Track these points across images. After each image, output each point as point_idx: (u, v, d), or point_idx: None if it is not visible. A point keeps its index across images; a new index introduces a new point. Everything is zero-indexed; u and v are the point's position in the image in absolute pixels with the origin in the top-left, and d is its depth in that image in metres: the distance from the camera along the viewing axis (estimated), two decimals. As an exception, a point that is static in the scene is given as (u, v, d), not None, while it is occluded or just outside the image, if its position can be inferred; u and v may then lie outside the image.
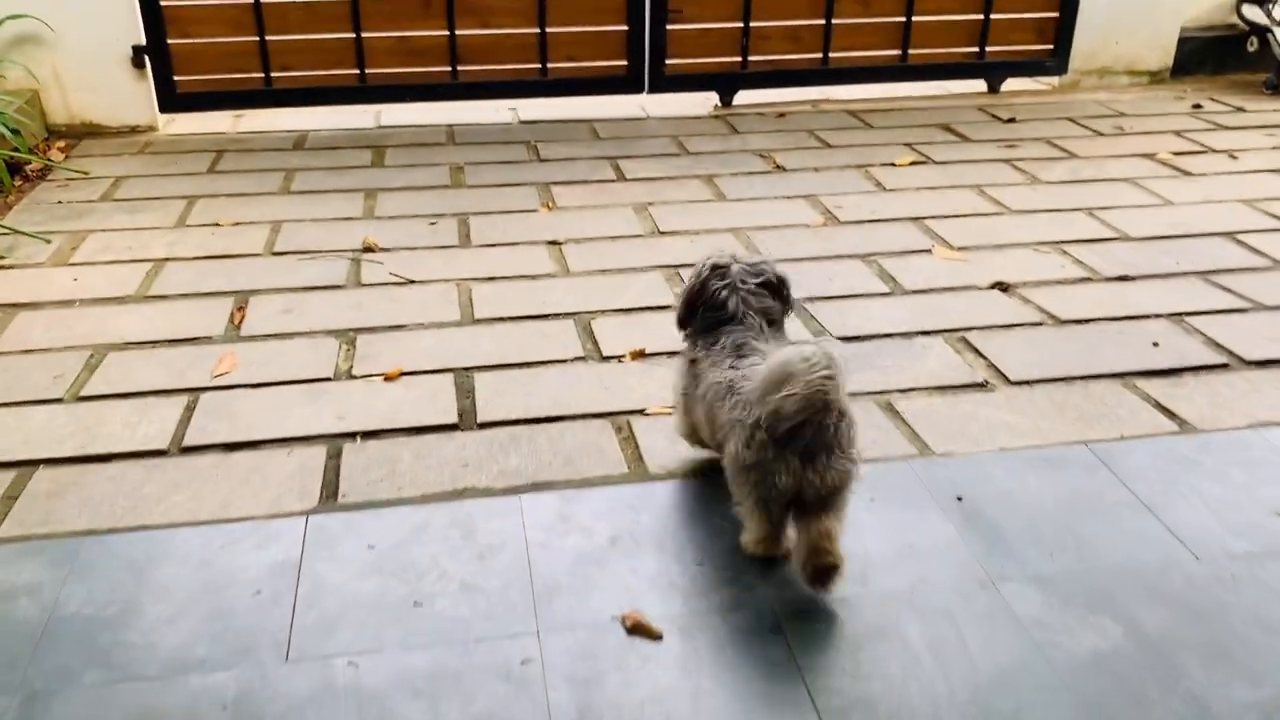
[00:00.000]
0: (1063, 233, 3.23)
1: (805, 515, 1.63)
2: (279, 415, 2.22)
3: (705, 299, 1.82)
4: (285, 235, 3.20)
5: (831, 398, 1.52)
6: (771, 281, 1.83)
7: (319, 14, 4.16)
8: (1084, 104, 4.68)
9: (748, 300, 1.79)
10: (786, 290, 1.85)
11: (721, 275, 1.81)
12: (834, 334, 2.58)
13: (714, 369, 1.75)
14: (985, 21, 4.68)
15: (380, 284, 2.88)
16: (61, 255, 3.05)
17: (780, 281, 1.84)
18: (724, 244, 3.08)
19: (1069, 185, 3.65)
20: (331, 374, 2.40)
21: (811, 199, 3.53)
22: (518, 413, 2.23)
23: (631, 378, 2.37)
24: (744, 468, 1.64)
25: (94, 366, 2.43)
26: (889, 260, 3.03)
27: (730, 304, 1.78)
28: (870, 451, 2.08)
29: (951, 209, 3.43)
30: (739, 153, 4.02)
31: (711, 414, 1.75)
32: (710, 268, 1.82)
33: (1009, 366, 2.43)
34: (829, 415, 1.55)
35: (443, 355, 2.48)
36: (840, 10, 4.54)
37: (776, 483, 1.60)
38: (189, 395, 2.31)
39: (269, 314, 2.70)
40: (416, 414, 2.23)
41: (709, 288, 1.81)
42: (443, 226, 3.28)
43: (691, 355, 1.84)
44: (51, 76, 4.06)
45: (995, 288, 2.85)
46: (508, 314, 2.70)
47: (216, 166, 3.83)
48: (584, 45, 4.39)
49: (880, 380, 2.36)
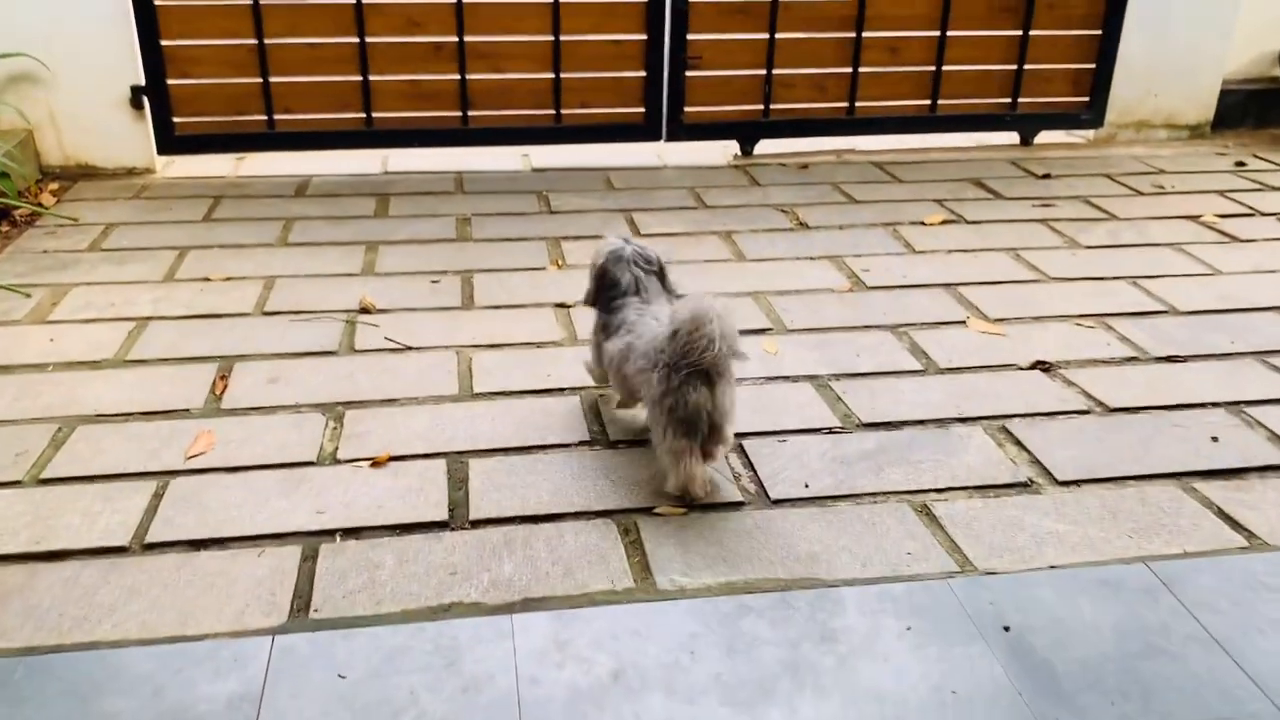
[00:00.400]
0: (1105, 304, 3.02)
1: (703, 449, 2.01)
2: (253, 507, 2.03)
3: (607, 282, 2.23)
4: (278, 292, 3.02)
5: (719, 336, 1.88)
6: (656, 265, 2.27)
7: (324, 55, 4.00)
8: (1121, 159, 4.48)
9: (639, 279, 2.22)
10: (665, 271, 2.29)
11: (617, 260, 2.23)
12: (863, 419, 2.37)
13: (616, 337, 2.17)
14: (1018, 72, 4.49)
15: (375, 350, 2.69)
16: (41, 311, 2.88)
17: (661, 265, 2.28)
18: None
19: (1109, 250, 3.44)
20: (314, 457, 2.20)
21: (836, 260, 3.33)
22: (514, 508, 2.03)
23: (639, 468, 2.17)
24: (660, 399, 1.96)
25: (60, 442, 2.25)
26: (920, 332, 2.83)
27: (624, 283, 2.21)
28: (906, 567, 1.87)
29: (986, 274, 3.23)
30: (759, 207, 3.83)
31: (620, 374, 2.16)
32: (609, 257, 2.24)
33: (1055, 463, 2.21)
34: (720, 348, 1.89)
35: (436, 436, 2.28)
36: (867, 58, 4.36)
37: (688, 403, 1.93)
38: (159, 480, 2.12)
39: (253, 384, 2.51)
40: (403, 508, 2.03)
41: (609, 273, 2.23)
42: (445, 285, 3.10)
43: (600, 323, 2.27)
44: (46, 117, 3.91)
45: (1036, 367, 2.64)
46: (509, 387, 2.51)
47: (213, 214, 3.67)
48: (600, 91, 4.22)
49: (915, 478, 2.15)
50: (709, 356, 1.90)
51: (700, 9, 4.16)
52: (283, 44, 3.96)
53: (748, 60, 4.29)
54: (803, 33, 4.28)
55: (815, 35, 4.30)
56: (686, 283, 3.14)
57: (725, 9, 4.19)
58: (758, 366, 2.61)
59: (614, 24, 4.12)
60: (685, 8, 4.13)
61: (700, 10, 4.16)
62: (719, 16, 4.19)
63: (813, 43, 4.31)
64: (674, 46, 4.18)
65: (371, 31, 3.99)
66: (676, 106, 4.28)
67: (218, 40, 3.92)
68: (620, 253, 2.24)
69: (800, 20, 4.26)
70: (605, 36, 4.14)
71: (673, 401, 1.95)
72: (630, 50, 4.18)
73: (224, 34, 3.92)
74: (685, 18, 4.14)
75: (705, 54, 4.23)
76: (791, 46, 4.29)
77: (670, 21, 4.14)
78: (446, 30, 4.04)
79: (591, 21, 4.10)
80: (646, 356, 2.02)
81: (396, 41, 4.03)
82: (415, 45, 4.05)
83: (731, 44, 4.25)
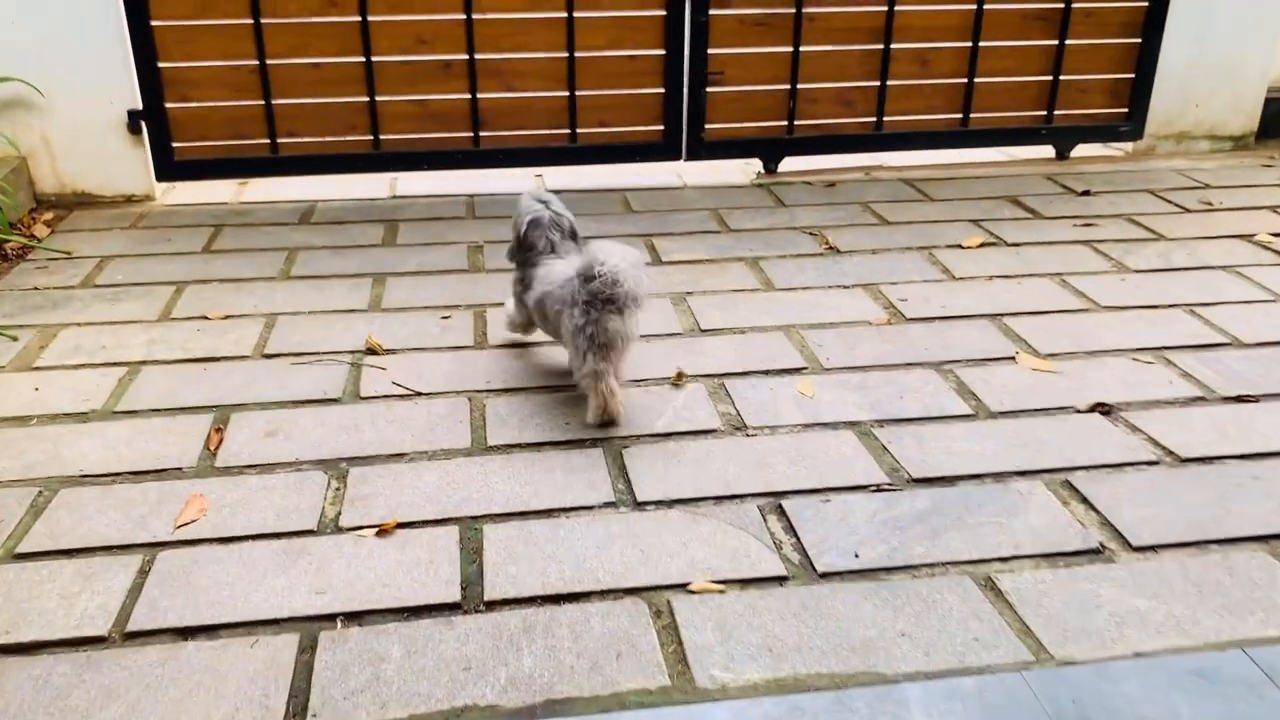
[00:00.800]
0: (1163, 336, 2.82)
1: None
2: (247, 585, 1.84)
3: (526, 244, 2.54)
4: (280, 332, 2.84)
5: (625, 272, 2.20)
6: (569, 225, 2.56)
7: (329, 76, 3.83)
8: (1162, 173, 4.27)
9: (553, 239, 2.52)
10: (577, 230, 2.58)
11: (535, 226, 2.52)
12: (913, 473, 2.17)
13: (534, 289, 2.48)
14: (1054, 82, 4.29)
15: (381, 397, 2.51)
16: (27, 357, 2.71)
17: (572, 225, 2.57)
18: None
19: (1161, 275, 3.24)
20: (315, 525, 2.02)
21: (871, 289, 3.13)
22: (534, 586, 1.84)
23: (671, 535, 1.98)
24: (578, 329, 2.28)
25: (40, 509, 2.07)
26: (968, 371, 2.63)
27: (540, 244, 2.52)
28: (974, 655, 1.67)
29: (1032, 304, 3.02)
30: (786, 230, 3.63)
31: (542, 313, 2.47)
32: (529, 224, 2.53)
33: (1128, 524, 2.01)
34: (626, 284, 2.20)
35: (448, 498, 2.09)
36: (896, 71, 4.16)
37: (605, 330, 2.25)
38: (145, 553, 1.93)
39: (251, 437, 2.33)
40: (412, 585, 1.84)
41: (528, 236, 2.53)
42: (456, 321, 2.91)
43: (518, 276, 2.60)
44: (40, 143, 3.75)
45: (1096, 410, 2.44)
46: (525, 439, 2.32)
47: (213, 244, 3.49)
48: (617, 109, 4.04)
49: (975, 545, 1.95)
50: (619, 290, 2.21)
51: (721, 22, 3.97)
52: (286, 64, 3.79)
53: (771, 75, 4.10)
54: (828, 45, 4.09)
55: (841, 47, 4.10)
56: (713, 316, 2.96)
57: (747, 22, 4.00)
58: (794, 411, 2.42)
59: (631, 39, 3.94)
60: (705, 21, 3.94)
61: (721, 23, 3.97)
62: (741, 30, 4.00)
63: (838, 55, 4.11)
64: (694, 61, 4.00)
65: (378, 50, 3.81)
66: (697, 124, 4.09)
67: (218, 61, 3.76)
68: (539, 219, 2.53)
69: (825, 32, 4.07)
70: (622, 52, 3.96)
71: (592, 330, 2.26)
72: (648, 66, 3.99)
73: (224, 55, 3.75)
74: (705, 31, 3.96)
75: (727, 69, 4.05)
76: (816, 60, 4.10)
77: (690, 35, 3.95)
78: (456, 48, 3.86)
79: (608, 37, 3.92)
80: (563, 300, 2.33)
81: (404, 60, 3.86)
82: (424, 64, 3.88)
83: (754, 58, 4.06)
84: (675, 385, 2.55)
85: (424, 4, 3.79)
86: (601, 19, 3.89)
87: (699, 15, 3.92)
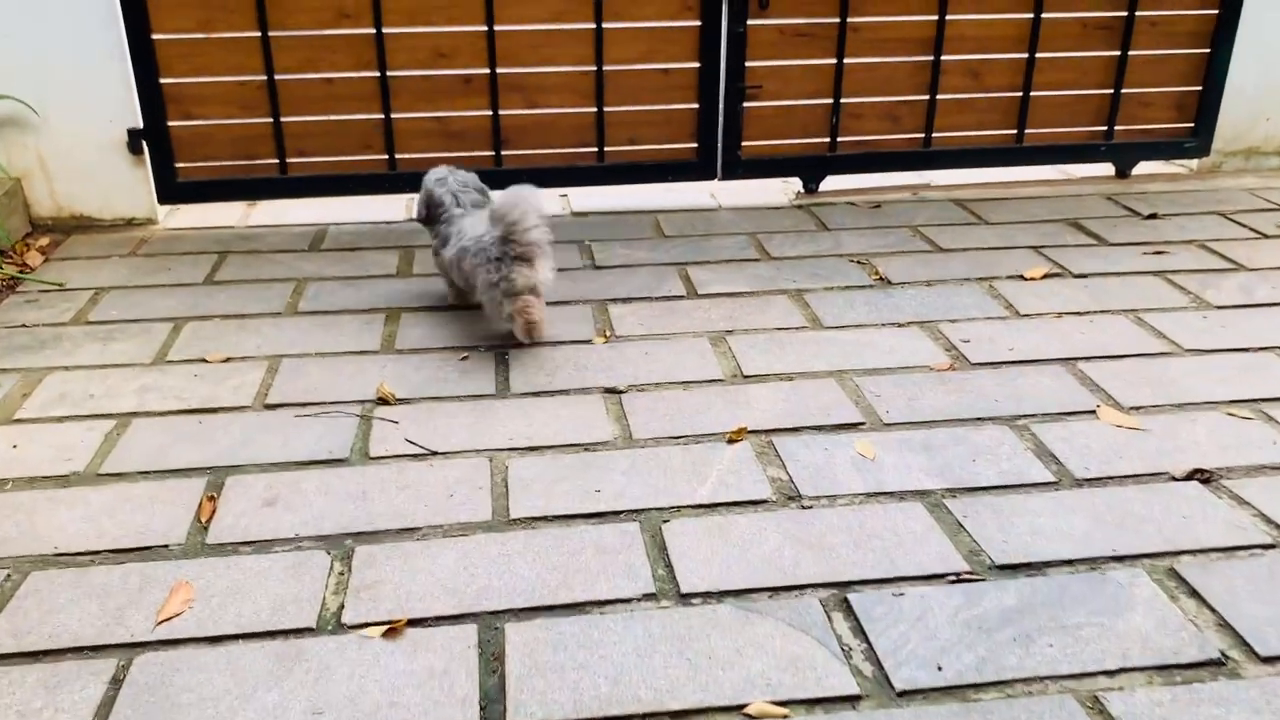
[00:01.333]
0: (1258, 385, 2.54)
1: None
2: (234, 702, 1.60)
3: (434, 203, 2.83)
4: (283, 378, 2.60)
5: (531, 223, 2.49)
6: (478, 185, 2.88)
7: (342, 92, 3.59)
8: (1232, 193, 3.97)
9: (460, 198, 2.80)
10: (486, 191, 2.88)
11: (442, 184, 2.83)
12: (995, 559, 1.91)
13: (449, 248, 2.73)
14: (1115, 95, 4.00)
15: (393, 457, 2.26)
16: (8, 407, 2.48)
17: (481, 186, 2.89)
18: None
19: (1246, 311, 2.95)
20: (314, 621, 1.77)
21: (929, 326, 2.86)
22: (565, 707, 1.58)
23: (722, 638, 1.72)
24: (493, 284, 2.56)
25: (6, 598, 1.83)
26: (1044, 427, 2.36)
27: (447, 203, 2.80)
28: (1088, 808, 1.40)
29: (1107, 346, 2.75)
30: (831, 257, 3.37)
31: (460, 271, 2.68)
32: (435, 183, 2.85)
33: (1250, 628, 1.74)
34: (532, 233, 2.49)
35: (466, 587, 1.84)
36: (946, 84, 3.89)
37: (515, 281, 2.54)
38: (119, 658, 1.69)
39: (247, 506, 2.09)
40: (423, 704, 1.59)
41: (435, 195, 2.83)
42: (476, 364, 2.66)
43: (433, 233, 2.86)
44: (36, 164, 3.53)
45: (1194, 477, 2.16)
46: (552, 511, 2.06)
47: (216, 274, 3.26)
48: (648, 126, 3.78)
49: (1075, 653, 1.68)
50: (527, 237, 2.47)
51: (759, 33, 3.70)
52: (296, 80, 3.55)
53: (812, 89, 3.83)
54: (874, 57, 3.82)
55: (888, 59, 3.83)
56: (757, 360, 2.70)
57: (787, 32, 3.73)
58: (854, 479, 2.16)
59: (664, 52, 3.68)
60: (743, 32, 3.68)
61: (759, 35, 3.71)
62: (780, 41, 3.74)
63: (885, 68, 3.84)
64: (730, 75, 3.73)
65: (394, 65, 3.57)
66: (733, 141, 3.83)
67: (223, 77, 3.52)
68: (444, 180, 2.84)
69: (871, 44, 3.80)
70: (654, 66, 3.70)
71: (506, 285, 2.54)
72: (682, 80, 3.73)
73: (230, 70, 3.51)
74: (743, 43, 3.69)
75: (765, 83, 3.78)
76: (861, 72, 3.83)
77: (726, 48, 3.69)
78: (477, 62, 3.61)
79: (639, 49, 3.66)
80: (477, 255, 2.57)
81: (422, 75, 3.61)
82: (442, 79, 3.63)
83: (794, 71, 3.80)
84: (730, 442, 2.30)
85: (443, 15, 3.54)
86: (633, 30, 3.64)
87: (736, 26, 3.66)
